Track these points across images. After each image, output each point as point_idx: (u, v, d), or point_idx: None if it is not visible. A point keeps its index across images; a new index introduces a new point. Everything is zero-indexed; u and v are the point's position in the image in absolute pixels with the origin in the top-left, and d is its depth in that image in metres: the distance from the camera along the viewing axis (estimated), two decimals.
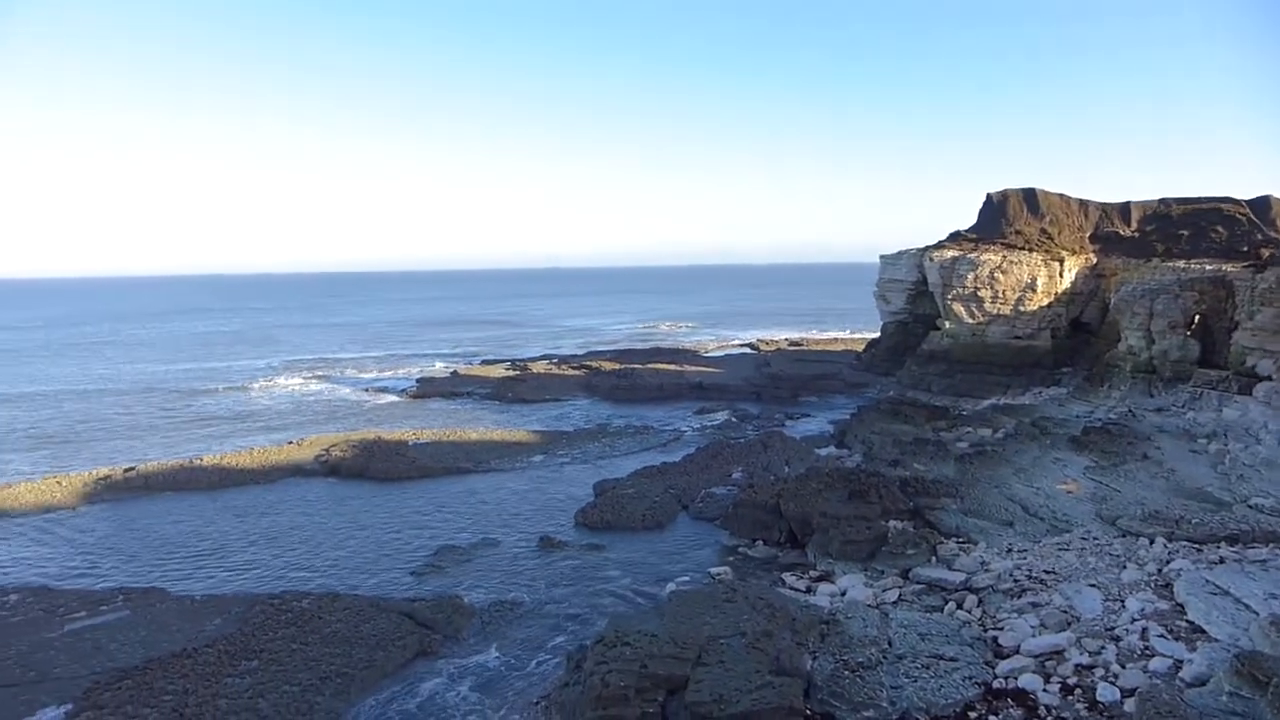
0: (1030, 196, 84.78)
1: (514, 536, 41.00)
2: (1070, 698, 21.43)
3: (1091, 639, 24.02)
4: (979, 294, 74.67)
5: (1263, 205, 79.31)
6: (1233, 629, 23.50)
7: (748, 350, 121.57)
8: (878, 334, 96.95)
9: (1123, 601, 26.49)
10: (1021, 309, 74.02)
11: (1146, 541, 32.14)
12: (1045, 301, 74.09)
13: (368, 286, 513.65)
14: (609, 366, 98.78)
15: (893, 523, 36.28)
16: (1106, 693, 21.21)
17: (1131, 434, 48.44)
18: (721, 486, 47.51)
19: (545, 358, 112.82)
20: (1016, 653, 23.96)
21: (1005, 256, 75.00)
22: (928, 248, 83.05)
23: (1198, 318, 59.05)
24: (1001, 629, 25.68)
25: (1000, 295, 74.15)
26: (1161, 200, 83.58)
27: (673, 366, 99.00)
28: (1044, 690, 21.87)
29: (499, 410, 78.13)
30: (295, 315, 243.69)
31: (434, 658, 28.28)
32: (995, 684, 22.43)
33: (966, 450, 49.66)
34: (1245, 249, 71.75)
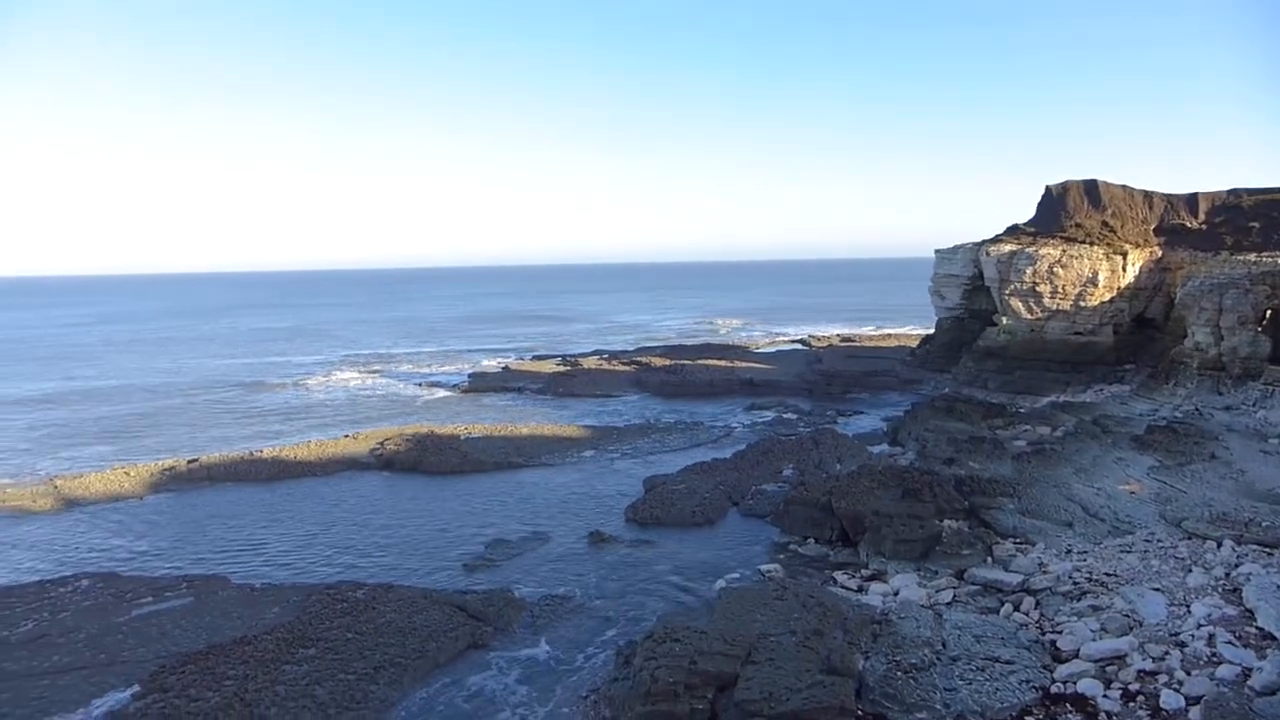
0: (1091, 188, 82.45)
1: (564, 531, 41.27)
2: (1132, 704, 20.85)
3: (1155, 644, 23.34)
4: (1038, 289, 72.88)
5: None
6: None
7: (799, 346, 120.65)
8: (932, 330, 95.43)
9: (1188, 606, 25.70)
10: (1082, 304, 72.07)
11: (1214, 544, 31.08)
12: (1107, 296, 72.02)
13: (417, 283, 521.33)
14: (659, 362, 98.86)
15: (947, 522, 35.69)
16: (1171, 700, 20.60)
17: (1198, 433, 46.89)
18: (772, 483, 47.22)
19: (596, 353, 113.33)
20: (1076, 657, 23.40)
21: (1065, 250, 73.07)
22: (984, 242, 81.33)
23: (1269, 313, 56.92)
24: (1060, 632, 25.11)
25: (1060, 290, 72.28)
26: (1231, 191, 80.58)
27: (723, 362, 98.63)
28: (1104, 696, 21.31)
29: (550, 405, 78.72)
30: (349, 311, 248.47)
31: (485, 650, 28.61)
32: (1053, 688, 21.95)
33: (1024, 449, 48.63)
34: None
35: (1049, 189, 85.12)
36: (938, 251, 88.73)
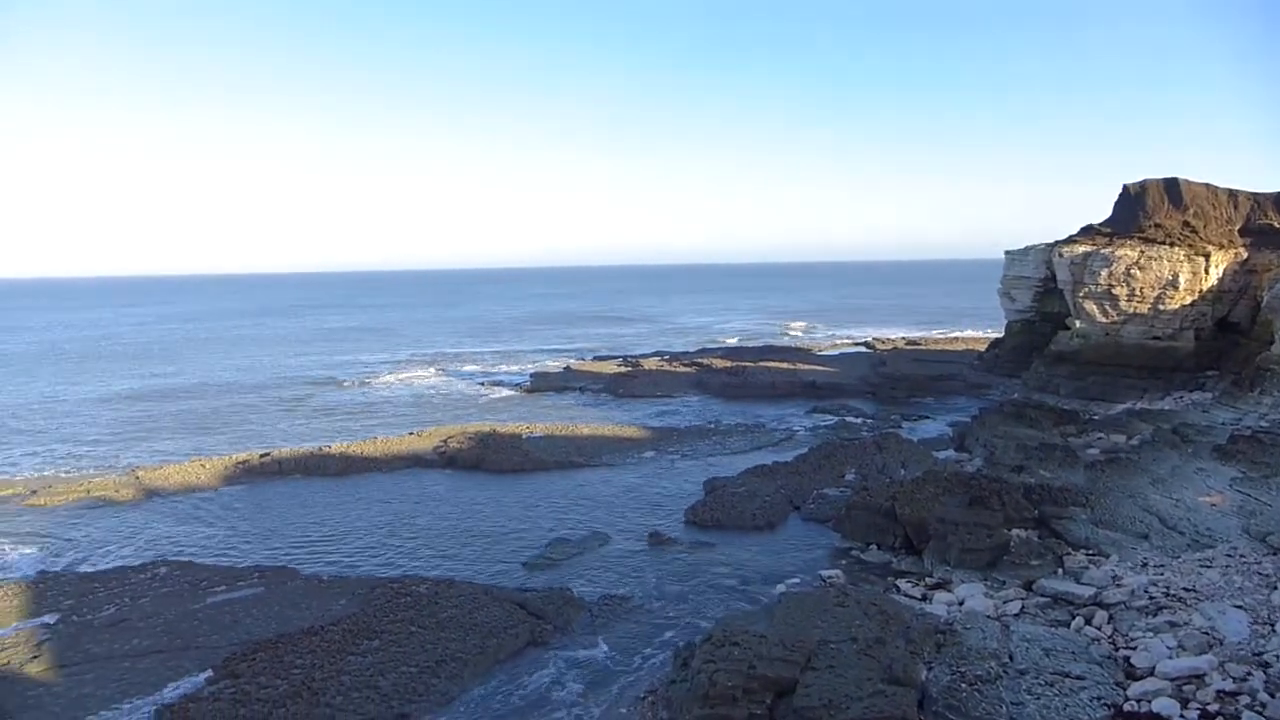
0: (1172, 187, 79.44)
1: (624, 532, 41.39)
2: None
3: (1236, 664, 22.34)
4: (1113, 291, 70.55)
5: None
6: None
7: (863, 349, 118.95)
8: (1001, 333, 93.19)
9: (1273, 625, 24.52)
10: (1161, 308, 69.52)
11: None
12: (1188, 300, 69.33)
13: (476, 282, 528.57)
14: (721, 364, 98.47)
15: (1015, 531, 34.73)
16: None
17: None
18: (834, 488, 46.62)
19: (657, 354, 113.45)
20: (1151, 674, 22.52)
21: (1143, 251, 70.56)
22: (1057, 242, 79.14)
23: None
24: (1134, 648, 24.20)
25: (1137, 293, 69.85)
26: None
27: (785, 365, 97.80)
28: (1181, 716, 20.47)
29: (611, 406, 79.03)
30: (413, 311, 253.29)
31: (544, 648, 28.83)
32: (1126, 706, 21.16)
33: (1098, 457, 47.14)
34: None
35: (1126, 188, 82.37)
36: (1008, 253, 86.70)
